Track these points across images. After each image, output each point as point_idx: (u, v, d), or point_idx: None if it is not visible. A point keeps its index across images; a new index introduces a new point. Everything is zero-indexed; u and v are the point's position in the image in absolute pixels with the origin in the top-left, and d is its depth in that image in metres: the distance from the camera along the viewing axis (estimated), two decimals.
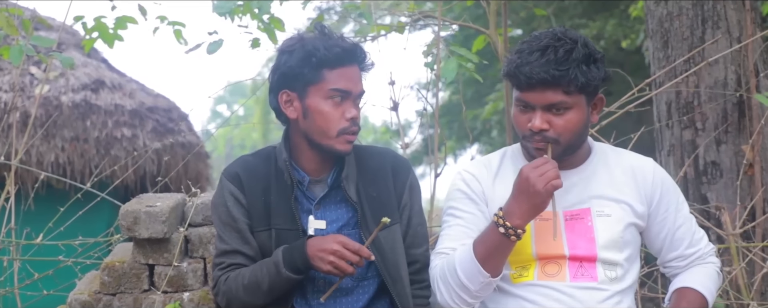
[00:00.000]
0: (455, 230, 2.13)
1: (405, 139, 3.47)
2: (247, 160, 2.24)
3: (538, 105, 1.98)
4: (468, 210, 2.13)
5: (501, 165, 2.18)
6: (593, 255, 2.06)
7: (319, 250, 2.01)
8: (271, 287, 2.07)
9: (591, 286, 2.05)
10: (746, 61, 3.40)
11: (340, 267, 1.99)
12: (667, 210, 2.15)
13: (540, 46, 1.96)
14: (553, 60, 1.94)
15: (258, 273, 2.09)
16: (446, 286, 2.05)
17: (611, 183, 2.12)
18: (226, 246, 2.17)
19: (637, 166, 2.16)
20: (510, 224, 1.92)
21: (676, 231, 2.17)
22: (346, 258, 1.99)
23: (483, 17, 4.76)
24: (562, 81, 1.94)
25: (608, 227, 2.07)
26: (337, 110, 2.10)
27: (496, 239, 1.94)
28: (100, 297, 2.58)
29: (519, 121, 2.03)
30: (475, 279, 1.99)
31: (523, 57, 1.97)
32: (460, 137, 12.89)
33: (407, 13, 4.18)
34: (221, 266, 2.18)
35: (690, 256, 2.18)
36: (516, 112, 2.04)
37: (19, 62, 3.15)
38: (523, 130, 2.03)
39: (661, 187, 2.15)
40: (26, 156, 6.26)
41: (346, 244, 2.00)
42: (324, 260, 2.00)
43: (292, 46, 2.12)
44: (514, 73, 1.98)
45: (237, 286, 2.12)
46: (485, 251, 1.96)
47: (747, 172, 3.29)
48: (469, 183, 2.15)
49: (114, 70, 7.59)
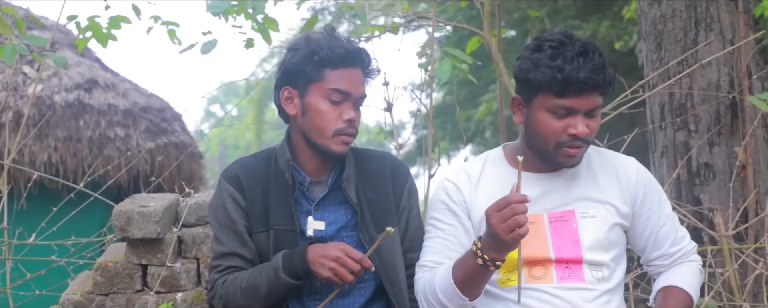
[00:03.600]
0: (436, 242, 2.13)
1: (399, 140, 3.47)
2: (247, 162, 2.24)
3: (583, 109, 1.98)
4: (448, 222, 2.13)
5: (482, 171, 2.16)
6: (579, 257, 2.06)
7: (320, 256, 2.00)
8: (269, 292, 2.06)
9: (578, 287, 2.05)
10: (739, 63, 3.41)
11: (340, 275, 1.98)
12: (650, 210, 2.16)
13: (577, 51, 1.95)
14: (598, 64, 1.95)
15: (256, 278, 2.08)
16: (427, 303, 2.06)
17: (595, 185, 2.12)
18: (224, 249, 2.15)
19: (620, 166, 2.16)
20: (487, 257, 1.89)
21: (659, 229, 2.17)
22: (347, 266, 1.99)
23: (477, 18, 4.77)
24: (606, 85, 1.97)
25: (593, 228, 2.07)
26: (336, 110, 2.10)
27: (474, 267, 1.92)
28: (92, 297, 2.57)
29: (554, 128, 1.99)
30: (453, 301, 1.99)
31: (566, 63, 1.94)
32: (454, 138, 12.90)
33: (401, 14, 4.18)
34: (218, 269, 2.16)
35: (673, 254, 2.20)
36: (548, 119, 1.99)
37: (12, 61, 3.14)
38: (559, 137, 1.99)
39: (644, 187, 2.16)
40: (19, 156, 6.24)
41: (348, 252, 1.99)
42: (325, 266, 1.99)
43: (298, 44, 2.15)
44: (563, 79, 1.94)
45: (234, 290, 2.10)
46: (463, 276, 1.95)
47: (740, 174, 3.30)
48: (451, 194, 2.14)
49: (107, 69, 7.57)
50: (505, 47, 9.40)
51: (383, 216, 2.16)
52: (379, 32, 4.09)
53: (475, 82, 3.45)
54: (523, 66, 2.01)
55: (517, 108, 2.08)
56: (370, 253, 2.04)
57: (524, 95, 2.05)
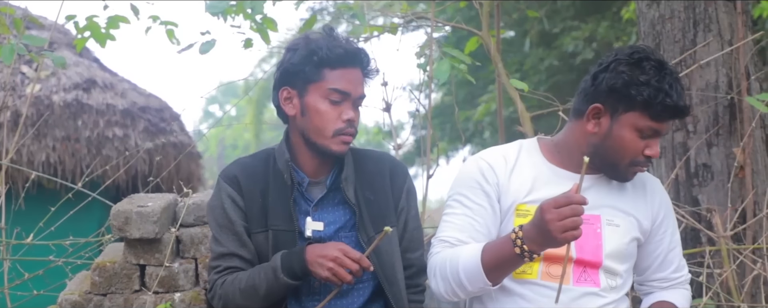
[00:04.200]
0: (462, 219, 2.08)
1: (397, 140, 3.47)
2: (245, 162, 2.23)
3: (663, 133, 2.03)
4: (479, 203, 2.08)
5: (518, 158, 2.13)
6: (599, 261, 2.07)
7: (318, 256, 1.99)
8: (268, 292, 2.06)
9: (592, 292, 2.06)
10: (737, 63, 3.41)
11: (338, 275, 1.98)
12: (665, 232, 2.20)
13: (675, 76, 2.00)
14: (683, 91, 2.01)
15: (255, 278, 2.07)
16: (444, 280, 2.01)
17: (623, 196, 2.13)
18: (223, 249, 2.15)
19: (648, 184, 2.20)
20: (527, 247, 1.85)
21: (668, 253, 2.21)
22: (346, 266, 1.98)
23: (476, 18, 4.77)
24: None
25: (615, 237, 2.09)
26: (335, 110, 2.10)
27: (510, 255, 1.88)
28: (90, 297, 2.57)
29: (636, 147, 2.01)
30: (476, 284, 1.96)
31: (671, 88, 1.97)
32: (453, 138, 12.90)
33: (400, 14, 4.18)
34: (217, 269, 2.16)
35: (674, 280, 2.24)
36: (634, 137, 2.00)
37: (11, 61, 3.14)
38: (636, 156, 2.02)
39: (665, 209, 2.20)
40: (17, 156, 6.23)
41: (346, 252, 1.99)
42: (323, 266, 1.98)
43: (297, 44, 2.14)
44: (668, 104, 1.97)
45: (233, 290, 2.10)
46: (494, 262, 1.92)
47: (738, 175, 3.30)
48: (486, 174, 2.09)
49: (106, 69, 7.56)
50: (504, 48, 9.40)
51: (382, 217, 2.16)
52: (378, 32, 4.09)
53: (473, 83, 3.44)
54: (623, 79, 1.99)
55: (594, 116, 2.05)
56: (368, 253, 2.03)
57: (613, 107, 2.02)
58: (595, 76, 2.05)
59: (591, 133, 2.05)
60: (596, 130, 2.04)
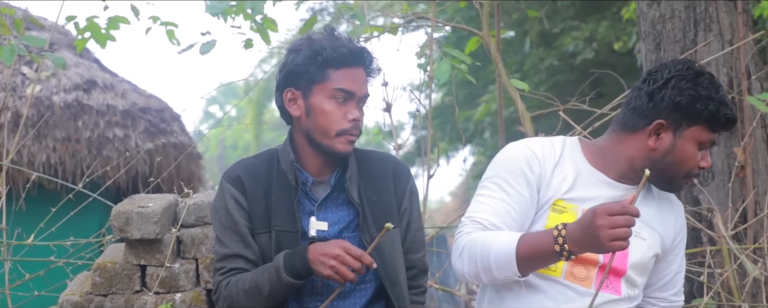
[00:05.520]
0: (499, 204, 2.04)
1: (398, 141, 3.47)
2: (249, 163, 2.23)
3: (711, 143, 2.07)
4: (520, 192, 2.05)
5: (562, 153, 2.12)
6: (623, 269, 2.07)
7: (320, 254, 1.99)
8: (271, 292, 2.06)
9: (613, 299, 2.06)
10: (738, 63, 3.41)
11: (340, 273, 1.97)
12: (677, 256, 2.22)
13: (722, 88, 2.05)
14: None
15: (259, 278, 2.07)
16: (471, 261, 1.97)
17: (651, 211, 2.14)
18: (227, 251, 2.15)
19: (674, 205, 2.23)
20: (568, 247, 1.83)
21: (674, 275, 2.24)
22: (348, 264, 1.97)
23: (476, 19, 4.77)
24: None
25: (641, 250, 2.09)
26: (340, 110, 2.10)
27: (547, 251, 1.86)
28: (91, 298, 2.57)
29: (695, 159, 2.05)
30: (504, 272, 1.93)
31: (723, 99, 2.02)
32: (453, 138, 12.91)
33: (400, 15, 4.18)
34: (222, 271, 2.15)
35: (672, 302, 2.25)
36: (694, 151, 2.04)
37: (11, 62, 3.13)
38: (693, 168, 2.05)
39: (682, 233, 2.22)
40: (17, 157, 6.23)
41: (348, 249, 1.98)
42: (325, 264, 1.97)
43: (300, 45, 2.14)
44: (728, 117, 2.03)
45: (238, 291, 2.10)
46: (529, 255, 1.89)
47: (739, 174, 3.30)
48: (531, 164, 2.06)
49: (106, 70, 7.56)
50: (504, 48, 9.41)
51: (385, 218, 2.16)
52: (378, 33, 4.09)
53: (474, 83, 3.45)
54: (690, 95, 2.02)
55: (655, 133, 2.06)
56: (371, 250, 2.03)
57: (676, 123, 2.04)
58: (652, 94, 2.06)
59: (651, 149, 2.06)
60: (656, 146, 2.05)
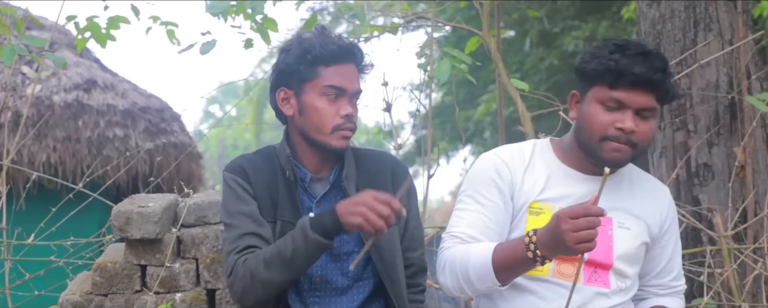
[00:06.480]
0: (474, 216, 2.07)
1: (398, 140, 3.47)
2: (250, 157, 2.23)
3: (633, 106, 1.98)
4: (492, 199, 2.08)
5: (532, 156, 2.14)
6: (609, 263, 2.08)
7: (350, 204, 1.93)
8: (294, 256, 1.97)
9: (602, 292, 2.07)
10: (738, 63, 3.41)
11: (370, 221, 1.89)
12: (668, 240, 2.21)
13: (640, 50, 1.98)
14: (657, 66, 1.97)
15: (281, 245, 2.01)
16: (453, 276, 2.01)
17: (634, 200, 2.14)
18: (240, 230, 2.09)
19: (658, 190, 2.22)
20: (540, 252, 1.85)
21: (669, 261, 2.22)
22: (376, 210, 1.89)
23: (476, 18, 4.77)
24: (662, 87, 1.98)
25: (626, 240, 2.10)
26: (332, 107, 2.10)
27: (521, 259, 1.88)
28: (91, 297, 2.57)
29: (601, 120, 2.00)
30: (484, 283, 1.97)
31: (626, 57, 1.97)
32: (453, 138, 12.91)
33: (400, 14, 4.18)
34: (237, 250, 2.07)
35: (672, 288, 2.25)
36: (597, 111, 2.00)
37: (11, 62, 3.14)
38: (604, 130, 2.00)
39: (671, 217, 2.21)
40: (18, 156, 6.23)
41: (376, 196, 1.92)
42: (354, 213, 1.90)
43: (290, 45, 2.15)
44: (618, 70, 1.96)
45: (257, 263, 2.02)
46: (505, 263, 1.92)
47: (739, 174, 3.30)
48: (501, 172, 2.09)
49: (106, 69, 7.57)
50: (504, 47, 9.40)
51: None
52: (378, 32, 4.09)
53: (474, 82, 3.45)
54: (583, 58, 2.05)
55: (573, 104, 2.10)
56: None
57: (580, 88, 2.07)
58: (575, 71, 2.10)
59: (575, 122, 2.09)
60: (575, 117, 2.08)
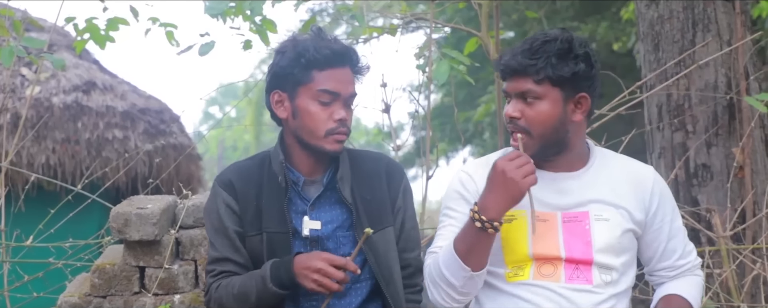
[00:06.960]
0: (448, 230, 2.14)
1: (397, 141, 3.47)
2: (241, 166, 2.24)
3: (513, 93, 2.06)
4: (461, 211, 2.13)
5: None
6: (589, 258, 2.07)
7: (303, 268, 2.01)
8: (258, 299, 2.08)
9: (585, 289, 2.05)
10: (736, 63, 3.41)
11: (324, 285, 2.00)
12: (662, 221, 2.17)
13: (526, 39, 2.06)
14: (527, 50, 2.03)
15: (247, 284, 2.10)
16: (434, 285, 2.07)
17: (611, 189, 2.13)
18: (217, 254, 2.17)
19: (639, 173, 2.18)
20: (486, 218, 1.93)
21: (669, 241, 2.19)
22: (331, 276, 2.00)
23: (475, 19, 4.77)
24: (530, 70, 2.02)
25: (606, 232, 2.08)
26: (326, 111, 2.10)
27: (474, 233, 1.95)
28: (90, 299, 2.57)
29: (505, 111, 2.10)
30: (458, 274, 2.00)
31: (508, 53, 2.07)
32: (452, 139, 12.90)
33: (399, 15, 4.18)
34: (213, 273, 2.18)
35: (680, 267, 2.21)
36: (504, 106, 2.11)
37: (10, 63, 3.14)
38: (505, 119, 2.09)
39: (660, 196, 2.17)
40: (17, 158, 6.23)
41: (331, 261, 2.00)
42: (308, 278, 2.00)
43: (285, 47, 2.15)
44: (496, 64, 2.10)
45: (227, 294, 2.13)
46: (464, 246, 1.98)
47: (737, 175, 3.30)
48: (465, 184, 2.16)
49: (105, 71, 7.56)
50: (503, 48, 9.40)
51: (378, 216, 2.16)
52: (378, 34, 4.09)
53: (473, 83, 3.45)
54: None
55: None
56: (353, 257, 2.04)
57: None
58: None
59: None
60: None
